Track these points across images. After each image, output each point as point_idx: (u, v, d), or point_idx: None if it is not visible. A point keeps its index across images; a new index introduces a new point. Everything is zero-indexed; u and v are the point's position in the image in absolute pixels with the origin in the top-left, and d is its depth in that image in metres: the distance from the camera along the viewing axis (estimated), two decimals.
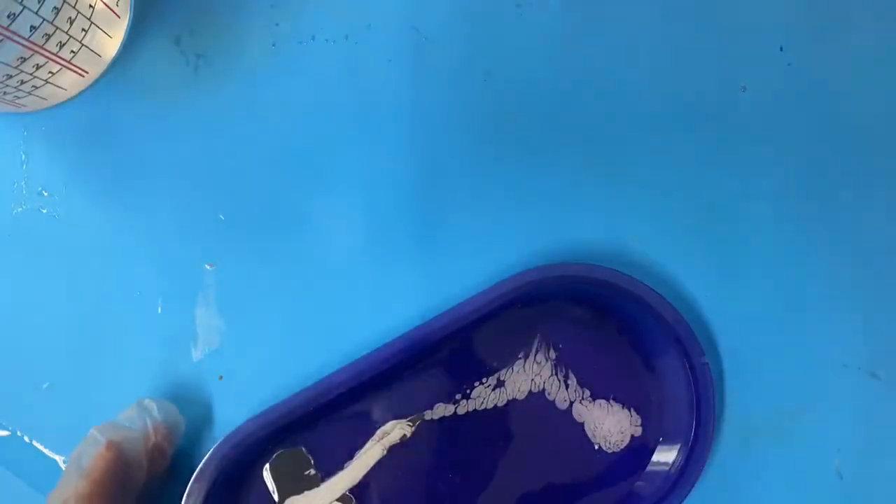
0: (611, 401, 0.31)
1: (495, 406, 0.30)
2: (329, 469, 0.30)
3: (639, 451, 0.31)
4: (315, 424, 0.30)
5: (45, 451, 0.31)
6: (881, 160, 0.32)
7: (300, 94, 0.31)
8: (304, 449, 0.30)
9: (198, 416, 0.31)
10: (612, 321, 0.31)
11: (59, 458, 0.31)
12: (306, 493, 0.30)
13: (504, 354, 0.31)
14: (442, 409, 0.30)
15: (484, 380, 0.30)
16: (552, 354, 0.30)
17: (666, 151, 0.31)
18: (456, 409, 0.30)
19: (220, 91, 0.31)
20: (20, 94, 0.28)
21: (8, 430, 0.31)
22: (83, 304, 0.31)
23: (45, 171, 0.31)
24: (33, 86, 0.28)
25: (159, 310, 0.31)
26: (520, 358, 0.30)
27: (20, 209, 0.31)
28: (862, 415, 0.31)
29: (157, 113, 0.31)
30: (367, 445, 0.30)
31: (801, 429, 0.31)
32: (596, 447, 0.30)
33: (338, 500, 0.30)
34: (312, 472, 0.30)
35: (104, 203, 0.31)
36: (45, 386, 0.31)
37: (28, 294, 0.31)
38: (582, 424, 0.30)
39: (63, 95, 0.30)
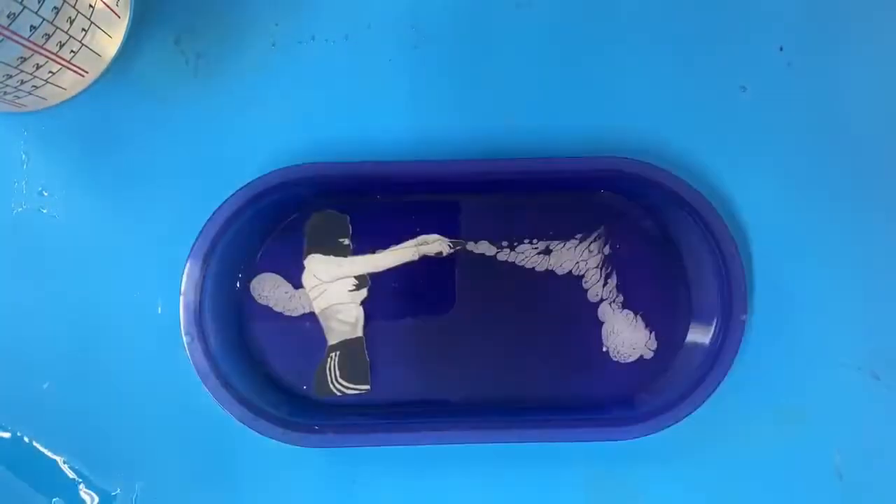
0: (638, 316, 0.31)
1: (533, 269, 0.31)
2: (361, 248, 0.31)
3: (642, 370, 0.31)
4: (369, 204, 0.31)
5: (45, 451, 0.31)
6: (881, 160, 0.32)
7: (300, 93, 0.31)
8: (348, 218, 0.31)
9: (197, 416, 0.31)
10: (677, 247, 0.31)
11: (58, 459, 0.31)
12: (332, 257, 0.31)
13: (564, 228, 0.31)
14: (485, 247, 0.31)
15: (534, 241, 0.31)
16: (606, 250, 0.31)
17: (664, 151, 0.31)
18: (497, 253, 0.31)
19: (220, 91, 0.31)
20: (20, 93, 0.28)
21: (8, 430, 0.31)
22: (83, 304, 0.31)
23: (46, 171, 0.31)
24: (33, 86, 0.28)
25: (159, 310, 0.31)
26: (575, 238, 0.31)
27: (20, 209, 0.31)
28: (862, 415, 0.31)
29: (157, 112, 0.31)
30: (404, 244, 0.31)
31: (801, 429, 0.31)
32: (604, 349, 0.31)
33: (356, 276, 0.31)
34: (346, 241, 0.31)
35: (104, 203, 0.31)
36: (45, 386, 0.31)
37: (28, 294, 0.31)
38: (601, 324, 0.31)
39: (63, 95, 0.30)
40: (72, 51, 0.28)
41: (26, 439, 0.31)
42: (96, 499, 0.31)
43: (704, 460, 0.31)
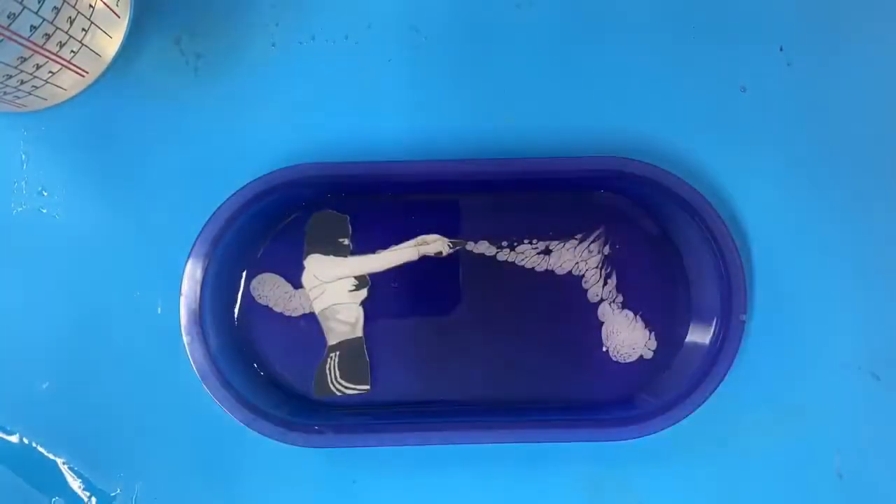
0: (637, 316, 0.31)
1: (533, 269, 0.31)
2: (361, 248, 0.31)
3: (642, 370, 0.31)
4: (369, 204, 0.31)
5: (44, 451, 0.31)
6: (881, 159, 0.32)
7: (300, 93, 0.31)
8: (348, 218, 0.31)
9: (197, 417, 0.31)
10: (677, 247, 0.31)
11: (58, 460, 0.31)
12: (332, 257, 0.31)
13: (563, 228, 0.31)
14: (484, 247, 0.31)
15: (534, 241, 0.31)
16: (606, 250, 0.31)
17: (664, 151, 0.31)
18: (497, 253, 0.31)
19: (220, 91, 0.31)
20: (20, 94, 0.28)
21: (10, 433, 0.31)
22: (83, 304, 0.31)
23: (45, 171, 0.31)
24: (33, 86, 0.28)
25: (159, 310, 0.31)
26: (575, 238, 0.31)
27: (20, 209, 0.31)
28: (862, 415, 0.31)
29: (157, 113, 0.31)
30: (404, 244, 0.31)
31: (801, 428, 0.31)
32: (604, 349, 0.31)
33: (356, 276, 0.31)
34: (346, 241, 0.31)
35: (104, 203, 0.31)
36: (44, 386, 0.31)
37: (28, 294, 0.31)
38: (601, 324, 0.31)
39: (63, 95, 0.30)
40: (72, 51, 0.28)
41: (26, 440, 0.31)
42: (95, 500, 0.31)
43: (704, 460, 0.31)
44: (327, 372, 0.31)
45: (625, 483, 0.31)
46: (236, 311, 0.31)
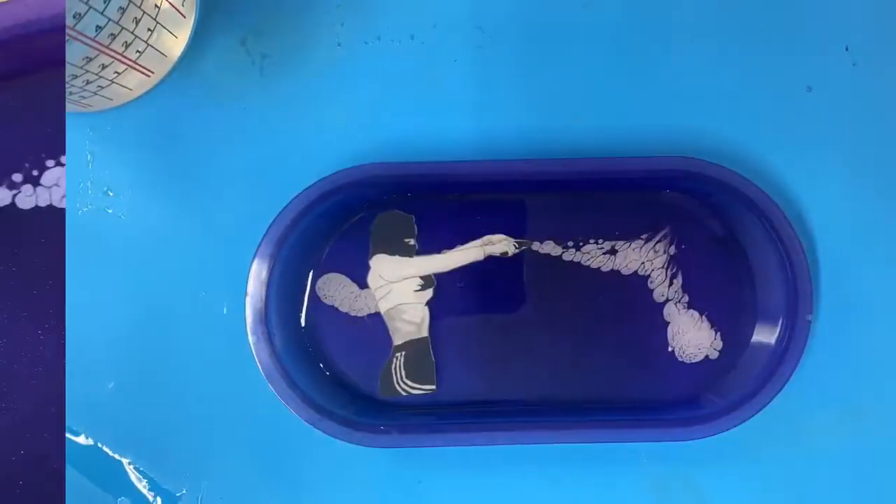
0: (703, 316, 0.31)
1: (599, 269, 0.31)
2: (427, 248, 0.31)
3: (707, 370, 0.31)
4: (435, 204, 0.31)
5: (110, 451, 0.31)
6: None
7: (365, 94, 0.31)
8: (414, 218, 0.31)
9: (263, 417, 0.31)
10: (743, 247, 0.31)
11: (124, 460, 0.31)
12: (398, 257, 0.31)
13: (630, 228, 0.31)
14: (550, 247, 0.31)
15: (600, 241, 0.31)
16: (672, 250, 0.31)
17: (730, 151, 0.31)
18: (563, 253, 0.31)
19: (285, 91, 0.31)
20: (86, 94, 0.28)
21: (79, 434, 0.31)
22: (148, 305, 0.31)
23: (111, 171, 0.31)
24: (99, 86, 0.28)
25: (225, 310, 0.31)
26: (641, 238, 0.31)
27: (86, 209, 0.31)
28: None
29: (223, 113, 0.31)
30: (470, 244, 0.31)
31: (869, 428, 0.31)
32: (669, 349, 0.31)
33: (422, 276, 0.31)
34: (412, 241, 0.31)
35: (169, 203, 0.31)
36: (110, 386, 0.31)
37: (93, 294, 0.31)
38: (667, 324, 0.31)
39: (129, 95, 0.30)
40: (137, 51, 0.28)
41: (92, 440, 0.31)
42: (160, 499, 0.31)
43: (771, 460, 0.31)
44: (393, 372, 0.31)
45: (691, 483, 0.31)
46: (302, 311, 0.31)
